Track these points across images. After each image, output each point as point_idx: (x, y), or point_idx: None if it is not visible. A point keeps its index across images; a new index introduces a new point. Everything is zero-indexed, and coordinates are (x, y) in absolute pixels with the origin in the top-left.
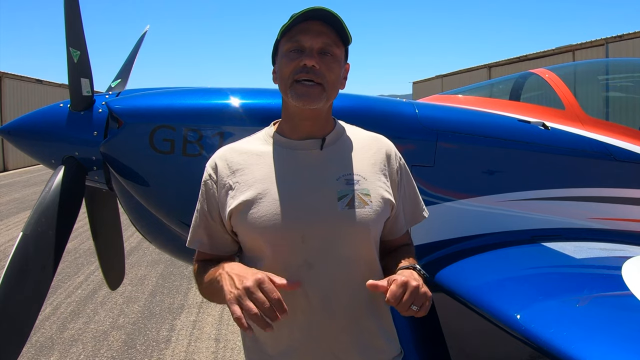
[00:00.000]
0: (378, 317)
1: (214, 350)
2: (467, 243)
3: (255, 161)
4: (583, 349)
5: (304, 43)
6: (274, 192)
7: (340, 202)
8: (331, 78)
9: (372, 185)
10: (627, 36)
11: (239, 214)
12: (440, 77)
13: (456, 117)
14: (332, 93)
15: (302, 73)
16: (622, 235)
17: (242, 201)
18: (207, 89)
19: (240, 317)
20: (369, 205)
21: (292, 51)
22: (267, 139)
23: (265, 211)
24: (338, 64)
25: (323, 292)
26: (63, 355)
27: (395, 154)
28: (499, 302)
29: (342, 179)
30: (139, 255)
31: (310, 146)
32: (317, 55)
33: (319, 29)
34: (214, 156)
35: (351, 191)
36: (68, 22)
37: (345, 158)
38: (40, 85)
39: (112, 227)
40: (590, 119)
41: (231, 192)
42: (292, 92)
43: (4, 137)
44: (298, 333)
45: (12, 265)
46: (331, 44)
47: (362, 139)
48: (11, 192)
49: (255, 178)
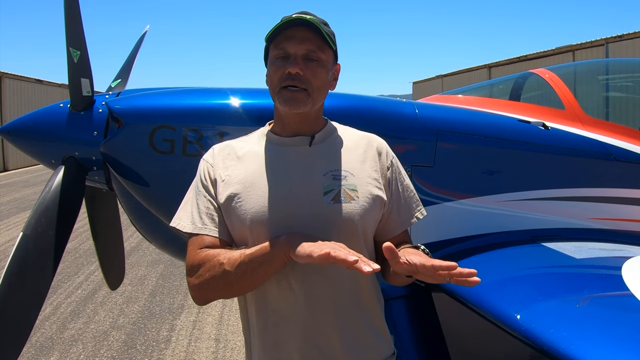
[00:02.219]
0: (366, 313)
1: (214, 350)
2: (467, 243)
3: (246, 157)
4: (583, 349)
5: (288, 50)
6: (262, 187)
7: (326, 197)
8: (316, 83)
9: (360, 181)
10: (627, 36)
11: (228, 206)
12: (440, 77)
13: (456, 117)
14: (318, 97)
15: (287, 80)
16: (622, 235)
17: (230, 194)
18: (207, 89)
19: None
20: (355, 200)
21: (279, 58)
22: (260, 137)
23: (252, 205)
24: (324, 69)
25: (308, 286)
26: (63, 355)
27: (386, 152)
28: (499, 302)
29: (330, 174)
30: (139, 255)
31: (299, 143)
32: (301, 61)
33: (303, 35)
34: (211, 149)
35: (338, 186)
36: (68, 22)
37: (333, 154)
38: (40, 85)
39: (112, 227)
40: (590, 119)
41: (222, 185)
42: (280, 98)
43: (4, 137)
44: (284, 326)
45: (12, 265)
46: (315, 50)
47: (352, 137)
48: (11, 192)
49: (245, 172)
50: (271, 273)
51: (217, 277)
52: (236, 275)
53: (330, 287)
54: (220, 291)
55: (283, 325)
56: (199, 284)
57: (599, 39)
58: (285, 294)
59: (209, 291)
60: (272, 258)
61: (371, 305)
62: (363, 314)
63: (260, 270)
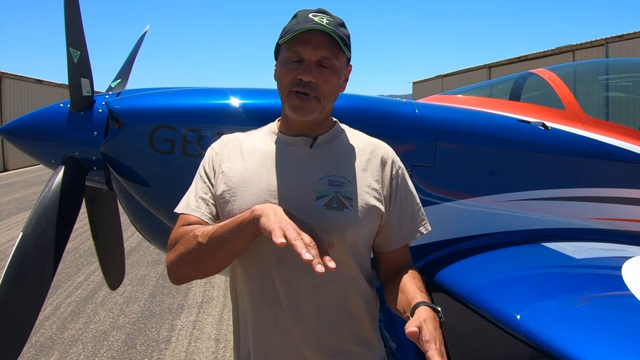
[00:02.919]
0: (350, 321)
1: (214, 350)
2: (467, 243)
3: (248, 152)
4: (583, 349)
5: (302, 54)
6: (257, 183)
7: (318, 202)
8: (327, 91)
9: (357, 190)
10: (627, 36)
11: (222, 200)
12: (440, 77)
13: (456, 117)
14: (328, 103)
15: (299, 86)
16: (622, 235)
17: (225, 188)
18: (207, 89)
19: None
20: (349, 209)
21: (291, 61)
22: (267, 133)
23: (245, 201)
24: (336, 75)
25: (291, 289)
26: (63, 355)
27: (392, 162)
28: (499, 302)
29: (326, 179)
30: (139, 255)
31: (301, 143)
32: (314, 67)
33: (319, 40)
34: (221, 138)
35: (332, 192)
36: (68, 22)
37: (333, 159)
38: (40, 85)
39: (112, 227)
40: (590, 119)
41: (221, 176)
42: (288, 103)
43: (4, 137)
44: (266, 327)
45: (12, 265)
46: (330, 57)
47: (358, 143)
48: (11, 192)
49: (244, 168)
50: (241, 245)
51: (190, 251)
52: (208, 247)
53: (315, 294)
54: (192, 266)
55: (265, 327)
56: (174, 259)
57: (599, 39)
58: (269, 296)
59: (181, 266)
60: (242, 227)
61: (360, 314)
62: (348, 324)
63: (231, 241)
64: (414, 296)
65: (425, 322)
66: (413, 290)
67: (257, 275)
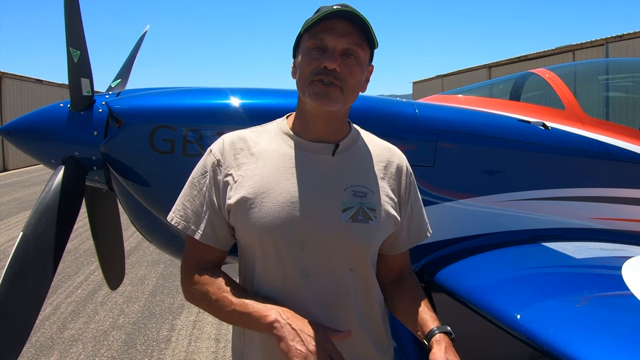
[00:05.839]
0: (370, 329)
1: (214, 350)
2: (467, 243)
3: (262, 156)
4: (583, 349)
5: (327, 42)
6: (278, 193)
7: (345, 214)
8: (351, 82)
9: (379, 200)
10: (627, 36)
11: (239, 210)
12: (440, 77)
13: (456, 117)
14: (350, 97)
15: (322, 75)
16: (622, 235)
17: (243, 197)
18: (207, 89)
19: None
20: (373, 221)
21: (314, 49)
22: (278, 134)
23: (267, 212)
24: (360, 68)
25: (316, 301)
26: (63, 355)
27: (406, 170)
28: (499, 302)
29: (350, 189)
30: (139, 255)
31: (322, 150)
32: (339, 56)
33: (344, 28)
34: (221, 141)
35: (357, 204)
36: (68, 22)
37: (355, 168)
38: (40, 85)
39: (112, 227)
40: (590, 119)
41: (233, 185)
42: (310, 91)
43: (4, 137)
44: None
45: (12, 265)
46: (356, 46)
47: (375, 148)
48: (11, 192)
49: (260, 175)
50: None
51: (207, 304)
52: (224, 316)
53: (339, 306)
54: (207, 311)
55: None
56: (191, 295)
57: (599, 39)
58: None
59: (196, 303)
60: (259, 326)
61: (378, 321)
62: (369, 331)
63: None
64: (426, 320)
65: (447, 353)
66: (423, 311)
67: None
